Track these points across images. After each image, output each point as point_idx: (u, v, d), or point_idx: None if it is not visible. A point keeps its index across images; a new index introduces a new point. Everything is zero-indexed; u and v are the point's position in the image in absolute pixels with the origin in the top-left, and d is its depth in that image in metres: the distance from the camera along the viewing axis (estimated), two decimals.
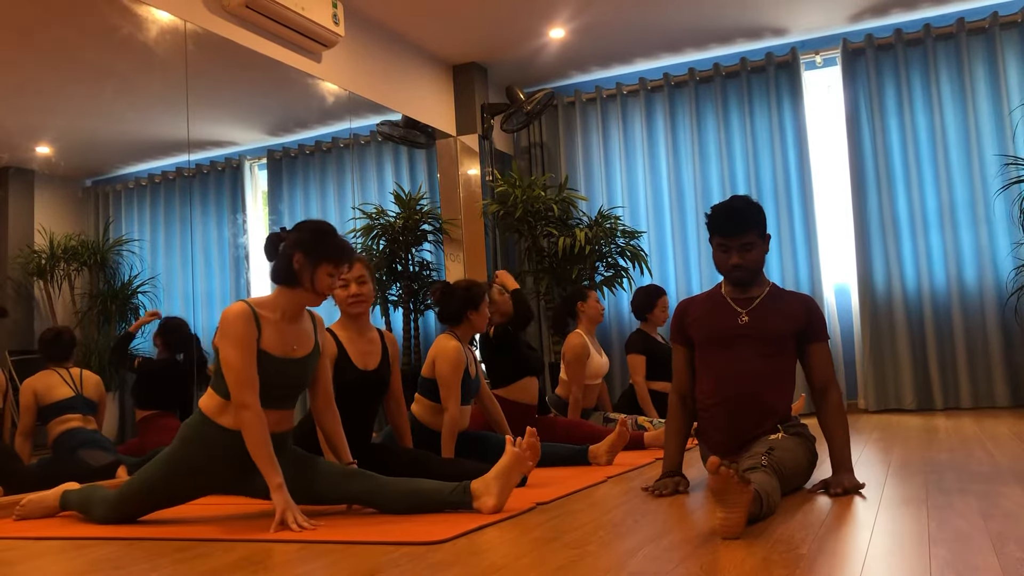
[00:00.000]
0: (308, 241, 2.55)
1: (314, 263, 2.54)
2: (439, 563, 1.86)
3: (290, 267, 2.55)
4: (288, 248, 2.57)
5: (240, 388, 2.43)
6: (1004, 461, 3.05)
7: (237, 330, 2.46)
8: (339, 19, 4.87)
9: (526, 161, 6.93)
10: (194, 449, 2.54)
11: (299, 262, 2.54)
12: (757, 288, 2.80)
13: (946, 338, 5.69)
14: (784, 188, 6.10)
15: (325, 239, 2.58)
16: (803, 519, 2.17)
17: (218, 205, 4.56)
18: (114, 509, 2.61)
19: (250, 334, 2.47)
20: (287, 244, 2.58)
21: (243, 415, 2.42)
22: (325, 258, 2.55)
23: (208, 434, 2.53)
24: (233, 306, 2.52)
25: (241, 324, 2.47)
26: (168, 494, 2.60)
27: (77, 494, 2.77)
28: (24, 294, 3.57)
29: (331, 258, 2.57)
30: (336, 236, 2.62)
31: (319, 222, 2.63)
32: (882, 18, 5.93)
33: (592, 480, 3.04)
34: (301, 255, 2.54)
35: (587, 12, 5.55)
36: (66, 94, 3.77)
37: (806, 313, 2.74)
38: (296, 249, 2.55)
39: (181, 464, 2.55)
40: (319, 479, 2.56)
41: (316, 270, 2.55)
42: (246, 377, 2.44)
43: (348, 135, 5.36)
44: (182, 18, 4.09)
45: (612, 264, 6.06)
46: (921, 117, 5.83)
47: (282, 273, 2.56)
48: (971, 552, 1.72)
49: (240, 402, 2.43)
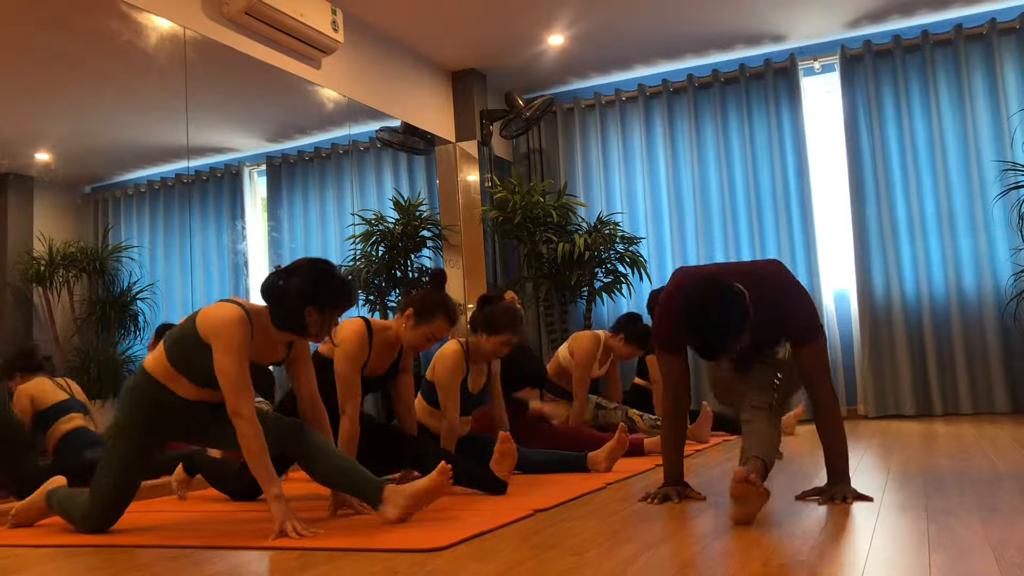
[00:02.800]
0: (318, 294, 2.46)
1: (328, 315, 2.50)
2: (438, 570, 1.85)
3: (302, 320, 2.48)
4: (298, 301, 2.46)
5: (236, 396, 2.40)
6: (1004, 467, 3.05)
7: (235, 336, 2.42)
8: (338, 26, 4.88)
9: (525, 167, 6.93)
10: (152, 413, 2.55)
11: (312, 316, 2.48)
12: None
13: (945, 344, 5.69)
14: (783, 194, 6.10)
15: (332, 285, 2.50)
16: (803, 526, 2.16)
17: (217, 212, 4.56)
18: (93, 506, 2.57)
19: (247, 340, 2.44)
20: (295, 295, 2.46)
21: (239, 424, 2.39)
22: (336, 306, 2.51)
23: (164, 400, 2.55)
24: (228, 308, 2.45)
25: (239, 330, 2.43)
26: (140, 464, 2.59)
27: (59, 495, 2.72)
28: (23, 300, 3.57)
29: (341, 304, 2.52)
30: (338, 276, 2.53)
31: (321, 267, 2.51)
32: (880, 24, 5.94)
33: (591, 487, 3.04)
34: (315, 311, 2.47)
35: (586, 18, 5.56)
36: (66, 101, 3.77)
37: (788, 317, 2.55)
38: (307, 303, 2.46)
39: (140, 430, 2.55)
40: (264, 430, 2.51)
41: (331, 320, 2.51)
42: (244, 385, 2.41)
43: (347, 141, 5.36)
44: (182, 25, 4.10)
45: (611, 270, 6.06)
46: (919, 123, 5.84)
47: (292, 323, 2.49)
48: (971, 558, 1.72)
49: (235, 411, 2.39)
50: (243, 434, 2.39)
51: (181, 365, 2.53)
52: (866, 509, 2.35)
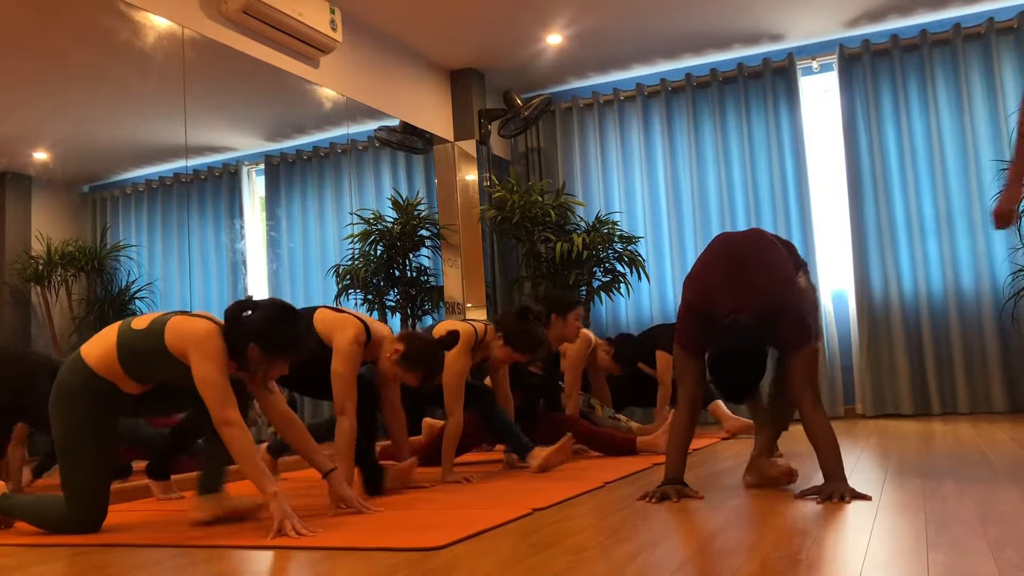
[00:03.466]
0: (267, 334, 2.47)
1: (271, 357, 2.50)
2: (437, 569, 1.86)
3: (243, 354, 2.49)
4: (246, 335, 2.48)
5: (223, 406, 2.41)
6: (1001, 466, 3.05)
7: (215, 347, 2.44)
8: (337, 25, 4.88)
9: (524, 167, 6.93)
10: (100, 407, 2.56)
11: (254, 353, 2.48)
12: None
13: (943, 343, 5.70)
14: (781, 193, 6.11)
15: (285, 331, 2.50)
16: (801, 525, 2.17)
17: (215, 211, 4.55)
18: (76, 510, 2.55)
19: (224, 352, 2.47)
20: (245, 328, 2.48)
21: (228, 431, 2.40)
22: (282, 353, 2.51)
23: (108, 392, 2.55)
24: (203, 323, 2.48)
25: (218, 342, 2.45)
26: (107, 455, 2.59)
27: (17, 502, 2.67)
28: (21, 300, 3.57)
29: (289, 353, 2.52)
30: (296, 325, 2.53)
31: (281, 312, 2.51)
32: (879, 24, 5.95)
33: (590, 485, 3.04)
34: (257, 348, 2.48)
35: (584, 18, 5.56)
36: (64, 100, 3.76)
37: (782, 325, 2.62)
38: (252, 340, 2.47)
39: (95, 425, 2.55)
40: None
41: (272, 365, 2.52)
42: (228, 394, 2.42)
43: (346, 140, 5.36)
44: (180, 24, 4.10)
45: (610, 269, 6.06)
46: (918, 122, 5.85)
47: (235, 353, 2.50)
48: (969, 558, 1.72)
49: (223, 419, 2.40)
50: (234, 439, 2.39)
51: (135, 368, 2.53)
52: (864, 508, 2.35)
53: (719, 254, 2.73)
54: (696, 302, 2.70)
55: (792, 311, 2.62)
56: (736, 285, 2.62)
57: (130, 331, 2.55)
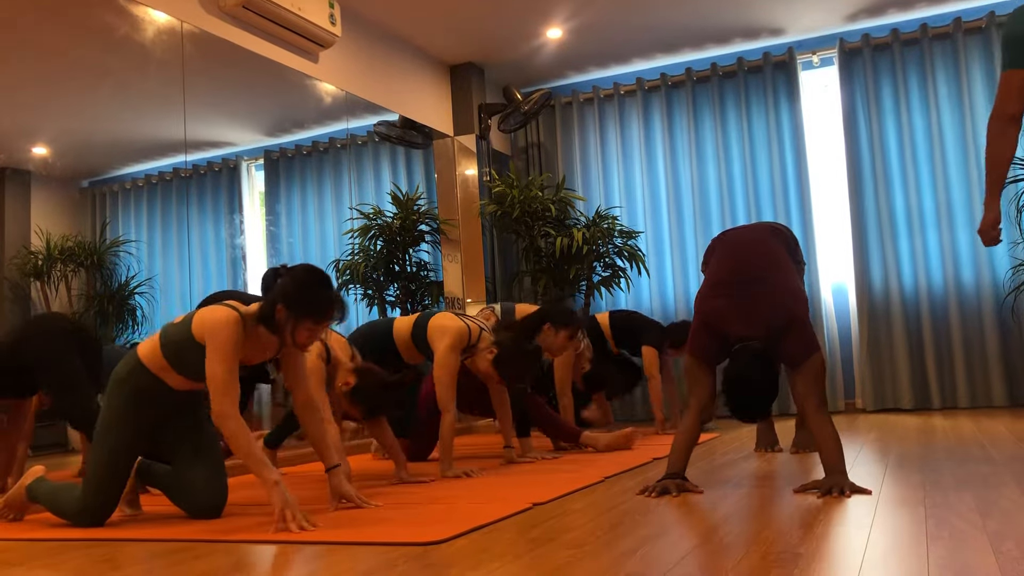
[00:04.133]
0: (293, 295, 2.48)
1: (296, 318, 2.49)
2: (437, 563, 1.86)
3: (272, 316, 2.50)
4: (273, 296, 2.50)
5: (222, 398, 2.42)
6: (1001, 460, 3.05)
7: (228, 338, 2.45)
8: (336, 19, 4.87)
9: (523, 161, 6.92)
10: (142, 402, 2.60)
11: (281, 314, 2.49)
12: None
13: (943, 338, 5.70)
14: (781, 188, 6.10)
15: (311, 293, 2.51)
16: (801, 519, 2.17)
17: (215, 206, 4.55)
18: (87, 499, 2.59)
19: (238, 343, 2.47)
20: (275, 290, 2.50)
21: (226, 424, 2.41)
22: (307, 315, 2.50)
23: (154, 388, 2.60)
24: (222, 311, 2.49)
25: (232, 333, 2.46)
26: (130, 454, 2.63)
27: (43, 488, 2.72)
28: (21, 295, 3.56)
29: (313, 316, 2.51)
30: (324, 290, 2.53)
31: (311, 272, 2.54)
32: (879, 18, 5.94)
33: (589, 480, 3.04)
34: (283, 308, 2.48)
35: (584, 12, 5.55)
36: (62, 95, 3.76)
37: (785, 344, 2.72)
38: (280, 299, 2.48)
39: (131, 420, 2.60)
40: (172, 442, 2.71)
41: (297, 326, 2.50)
42: (231, 388, 2.43)
43: (345, 135, 5.36)
44: (179, 18, 4.09)
45: (610, 264, 6.06)
46: (918, 116, 5.84)
47: (266, 318, 2.52)
48: (969, 551, 1.72)
49: (220, 412, 2.41)
50: (231, 433, 2.41)
51: (174, 361, 2.58)
52: (864, 502, 2.35)
53: (724, 266, 2.85)
54: (709, 320, 2.81)
55: (797, 325, 2.72)
56: (744, 311, 2.73)
57: (171, 326, 2.60)
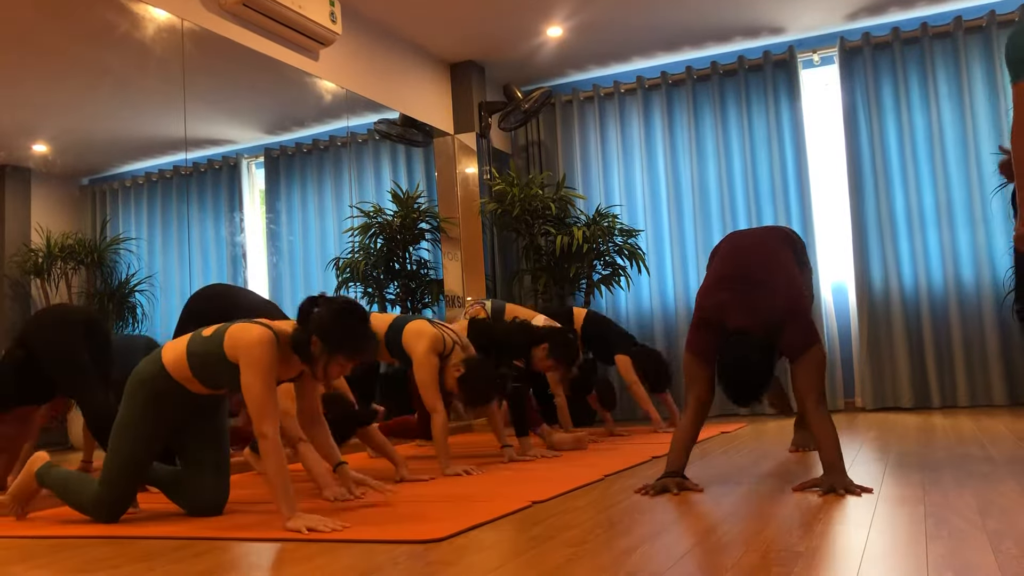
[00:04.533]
0: (329, 329, 2.46)
1: (331, 352, 2.48)
2: (437, 561, 1.86)
3: (307, 346, 2.49)
4: (310, 327, 2.47)
5: (262, 418, 2.39)
6: (1001, 459, 3.05)
7: (264, 358, 2.43)
8: (336, 17, 4.87)
9: (524, 159, 6.92)
10: (164, 405, 2.62)
11: (316, 346, 2.47)
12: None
13: (943, 336, 5.70)
14: (781, 186, 6.10)
15: (348, 329, 2.49)
16: (800, 518, 2.17)
17: (215, 204, 4.55)
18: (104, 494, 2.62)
19: (274, 361, 2.45)
20: (312, 322, 2.48)
21: (263, 444, 2.38)
22: (342, 350, 2.49)
23: (177, 393, 2.61)
24: (257, 330, 2.47)
25: (268, 352, 2.44)
26: (150, 451, 2.66)
27: (56, 473, 2.74)
28: (21, 293, 3.56)
29: (348, 351, 2.50)
30: (361, 326, 2.52)
31: (348, 307, 2.51)
32: (879, 17, 5.93)
33: (589, 478, 3.04)
34: (319, 341, 2.46)
35: (585, 11, 5.55)
36: (63, 92, 3.76)
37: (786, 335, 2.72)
38: (316, 332, 2.46)
39: (151, 419, 2.62)
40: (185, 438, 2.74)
41: (331, 360, 2.49)
42: (270, 408, 2.41)
43: (346, 133, 5.36)
44: (179, 16, 4.09)
45: (610, 263, 6.06)
46: (918, 115, 5.84)
47: (300, 347, 2.51)
48: (968, 550, 1.73)
49: (261, 432, 2.38)
50: (266, 453, 2.37)
51: (199, 373, 2.57)
52: (863, 501, 2.36)
53: (728, 263, 2.85)
54: (708, 315, 2.80)
55: (798, 318, 2.72)
56: (746, 305, 2.72)
57: (199, 337, 2.59)
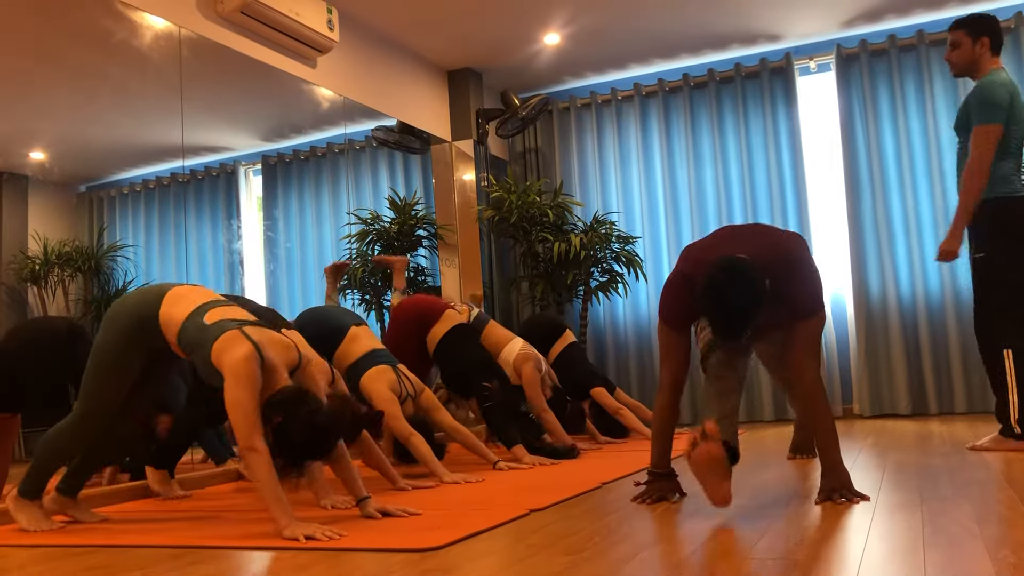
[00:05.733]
0: (289, 449, 2.45)
1: (298, 469, 2.50)
2: (433, 570, 1.85)
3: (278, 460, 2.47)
4: (276, 443, 2.45)
5: (250, 432, 2.38)
6: (998, 466, 3.05)
7: (249, 372, 2.43)
8: (334, 25, 4.87)
9: (521, 166, 6.93)
10: (140, 334, 2.68)
11: (279, 463, 2.45)
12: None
13: (940, 343, 5.70)
14: (778, 194, 6.11)
15: (310, 453, 2.49)
16: (798, 525, 2.17)
17: (213, 211, 4.55)
18: (82, 398, 2.71)
19: (257, 375, 2.46)
20: (275, 441, 2.44)
21: (251, 458, 2.37)
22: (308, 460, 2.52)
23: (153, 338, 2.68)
24: (242, 349, 2.45)
25: (252, 366, 2.44)
26: (130, 368, 2.72)
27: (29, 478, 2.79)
28: (18, 300, 3.56)
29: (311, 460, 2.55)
30: (325, 444, 2.50)
31: (314, 429, 2.45)
32: (876, 24, 5.95)
33: (587, 486, 3.04)
34: (281, 461, 2.46)
35: (582, 18, 5.56)
36: (60, 100, 3.76)
37: (792, 291, 2.53)
38: (278, 453, 2.44)
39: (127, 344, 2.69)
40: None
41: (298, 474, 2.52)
42: (255, 420, 2.40)
43: (343, 140, 5.36)
44: (177, 24, 4.09)
45: (607, 270, 6.06)
46: (915, 122, 5.85)
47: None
48: (966, 557, 1.73)
49: (249, 445, 2.37)
50: (255, 466, 2.36)
51: (185, 350, 2.62)
52: (861, 508, 2.35)
53: (718, 231, 2.71)
54: (689, 266, 2.56)
55: (803, 265, 2.53)
56: (742, 245, 2.52)
57: (198, 322, 2.58)
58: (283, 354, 2.62)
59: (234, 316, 2.60)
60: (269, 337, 2.59)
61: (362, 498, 2.64)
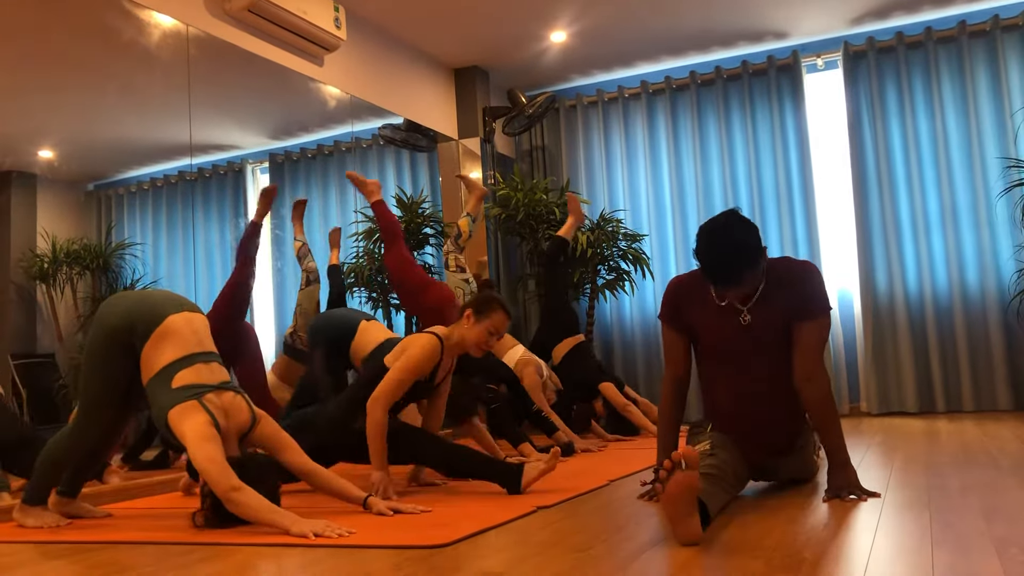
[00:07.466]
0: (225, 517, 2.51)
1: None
2: (441, 566, 1.86)
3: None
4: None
5: (225, 477, 2.41)
6: (1006, 464, 3.05)
7: (210, 434, 2.47)
8: (341, 23, 4.88)
9: (528, 164, 6.93)
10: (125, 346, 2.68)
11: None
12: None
13: (948, 341, 5.69)
14: (786, 191, 6.10)
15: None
16: (806, 523, 2.16)
17: (220, 209, 4.56)
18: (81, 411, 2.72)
19: (214, 429, 2.50)
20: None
21: (235, 497, 2.39)
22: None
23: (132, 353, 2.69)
24: (196, 421, 2.48)
25: (207, 430, 2.48)
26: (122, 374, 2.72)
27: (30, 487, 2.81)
28: (27, 298, 3.57)
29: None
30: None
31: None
32: (883, 21, 5.93)
33: (595, 484, 3.04)
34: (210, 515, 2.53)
35: (588, 15, 5.56)
36: (69, 98, 3.77)
37: (801, 288, 2.57)
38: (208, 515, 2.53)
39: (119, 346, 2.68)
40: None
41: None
42: (223, 467, 2.43)
43: (350, 138, 5.37)
44: (184, 22, 4.10)
45: (614, 267, 6.06)
46: (923, 120, 5.83)
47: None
48: (974, 556, 1.72)
49: (229, 487, 2.39)
50: (243, 502, 2.40)
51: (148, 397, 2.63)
52: (869, 507, 2.35)
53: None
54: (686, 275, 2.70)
55: (816, 277, 2.59)
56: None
57: (166, 379, 2.57)
58: (236, 418, 2.63)
59: (201, 381, 2.59)
60: (226, 402, 2.61)
61: (365, 498, 2.66)
